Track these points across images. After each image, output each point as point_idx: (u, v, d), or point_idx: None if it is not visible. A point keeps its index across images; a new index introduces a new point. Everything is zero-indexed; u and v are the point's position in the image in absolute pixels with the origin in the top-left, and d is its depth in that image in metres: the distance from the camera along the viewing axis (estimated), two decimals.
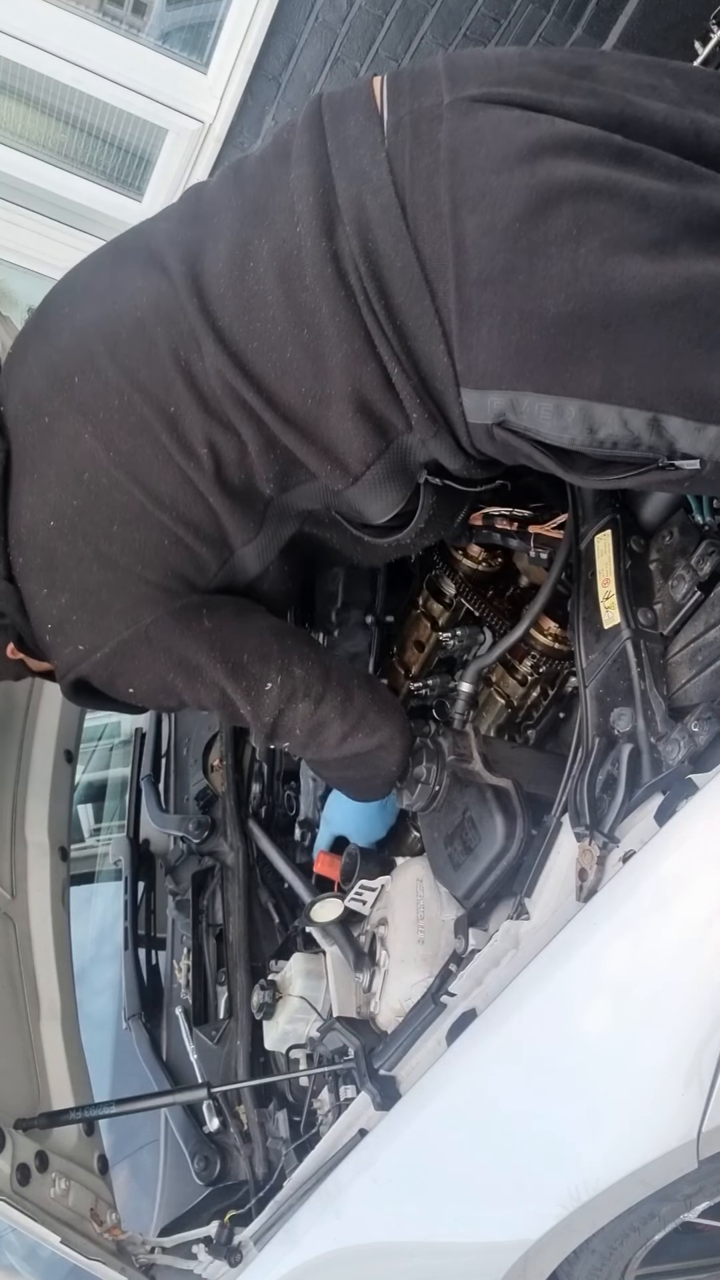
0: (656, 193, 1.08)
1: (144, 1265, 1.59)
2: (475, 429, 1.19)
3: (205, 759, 2.27)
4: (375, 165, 1.14)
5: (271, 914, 1.99)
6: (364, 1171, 1.37)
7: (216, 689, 1.41)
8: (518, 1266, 1.33)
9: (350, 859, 1.73)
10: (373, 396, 1.20)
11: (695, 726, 1.20)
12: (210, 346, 1.21)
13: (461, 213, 1.10)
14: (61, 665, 1.40)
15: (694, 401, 1.08)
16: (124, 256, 1.35)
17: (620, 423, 1.10)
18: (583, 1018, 1.20)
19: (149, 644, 1.35)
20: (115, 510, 1.29)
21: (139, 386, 1.25)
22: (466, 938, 1.37)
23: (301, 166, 1.19)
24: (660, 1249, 1.45)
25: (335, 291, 1.15)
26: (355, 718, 1.48)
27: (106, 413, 1.26)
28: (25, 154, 3.24)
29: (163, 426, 1.25)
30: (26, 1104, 1.66)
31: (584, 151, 1.10)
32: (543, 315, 1.07)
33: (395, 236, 1.13)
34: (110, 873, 2.97)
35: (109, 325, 1.28)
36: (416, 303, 1.13)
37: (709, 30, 2.69)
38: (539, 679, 1.75)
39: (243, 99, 3.06)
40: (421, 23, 2.97)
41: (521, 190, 1.07)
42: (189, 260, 1.24)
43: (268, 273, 1.18)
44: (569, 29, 2.98)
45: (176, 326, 1.23)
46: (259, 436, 1.25)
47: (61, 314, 1.36)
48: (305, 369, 1.19)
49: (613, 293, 1.06)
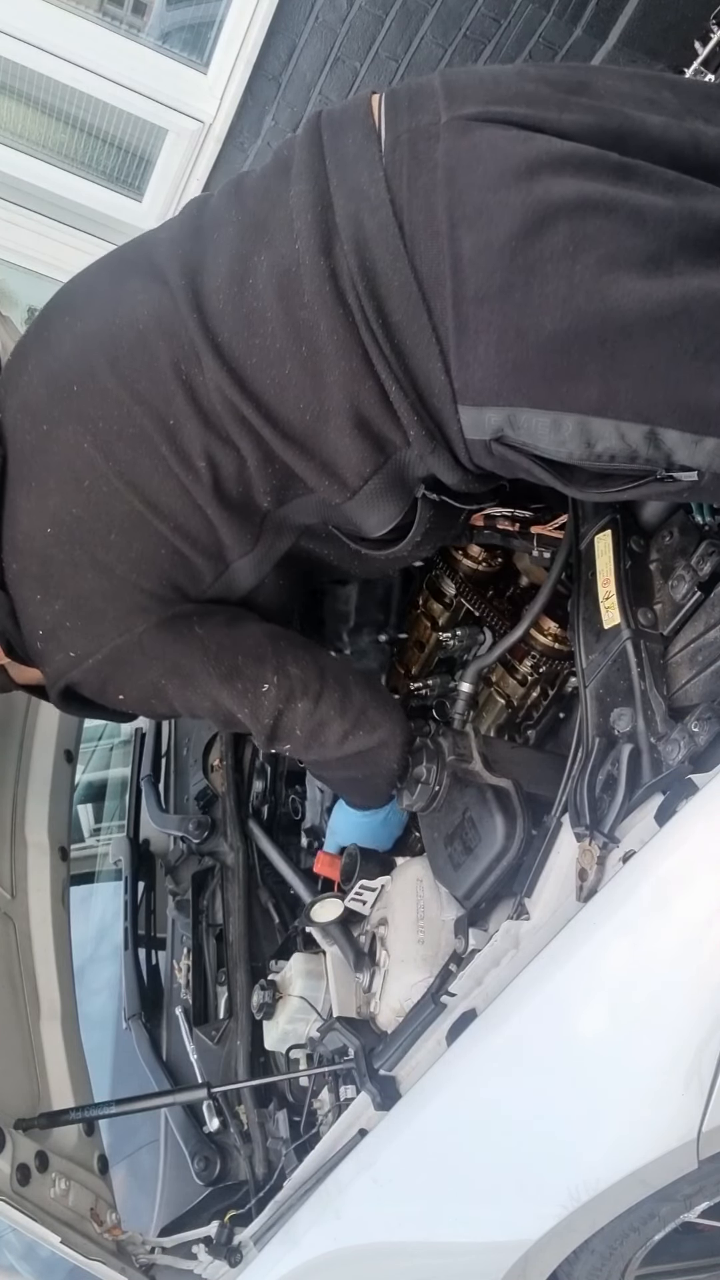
0: (653, 207, 1.09)
1: (144, 1265, 1.59)
2: (473, 445, 1.20)
3: (205, 759, 2.26)
4: (373, 183, 1.15)
5: (271, 914, 1.99)
6: (364, 1171, 1.37)
7: (209, 697, 1.42)
8: (518, 1266, 1.33)
9: (350, 859, 1.73)
10: (370, 413, 1.20)
11: (695, 726, 1.20)
12: (210, 361, 1.22)
13: (459, 231, 1.10)
14: (52, 672, 1.40)
15: (690, 414, 1.09)
16: (126, 267, 1.36)
17: (618, 436, 1.11)
18: (583, 1018, 1.20)
19: (141, 651, 1.36)
20: (114, 519, 1.30)
21: (139, 398, 1.26)
22: (466, 938, 1.37)
23: (301, 183, 1.20)
24: (660, 1249, 1.45)
25: (334, 309, 1.16)
26: (355, 715, 1.49)
27: (106, 422, 1.27)
28: (25, 154, 3.24)
29: (162, 438, 1.26)
30: (26, 1104, 1.66)
31: (580, 168, 1.10)
32: (539, 331, 1.08)
33: (393, 254, 1.13)
34: (110, 873, 2.97)
35: (110, 336, 1.28)
36: (414, 320, 1.14)
37: (709, 30, 2.70)
38: (539, 679, 1.75)
39: (243, 99, 3.06)
40: (421, 23, 2.97)
41: (518, 208, 1.08)
42: (189, 274, 1.25)
43: (267, 289, 1.19)
44: (569, 29, 2.98)
45: (177, 340, 1.24)
46: (257, 451, 1.26)
47: (62, 323, 1.36)
48: (304, 385, 1.20)
49: (609, 309, 1.06)
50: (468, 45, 3.02)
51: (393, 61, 3.05)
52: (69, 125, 3.21)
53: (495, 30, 2.99)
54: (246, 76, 3.00)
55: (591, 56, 3.02)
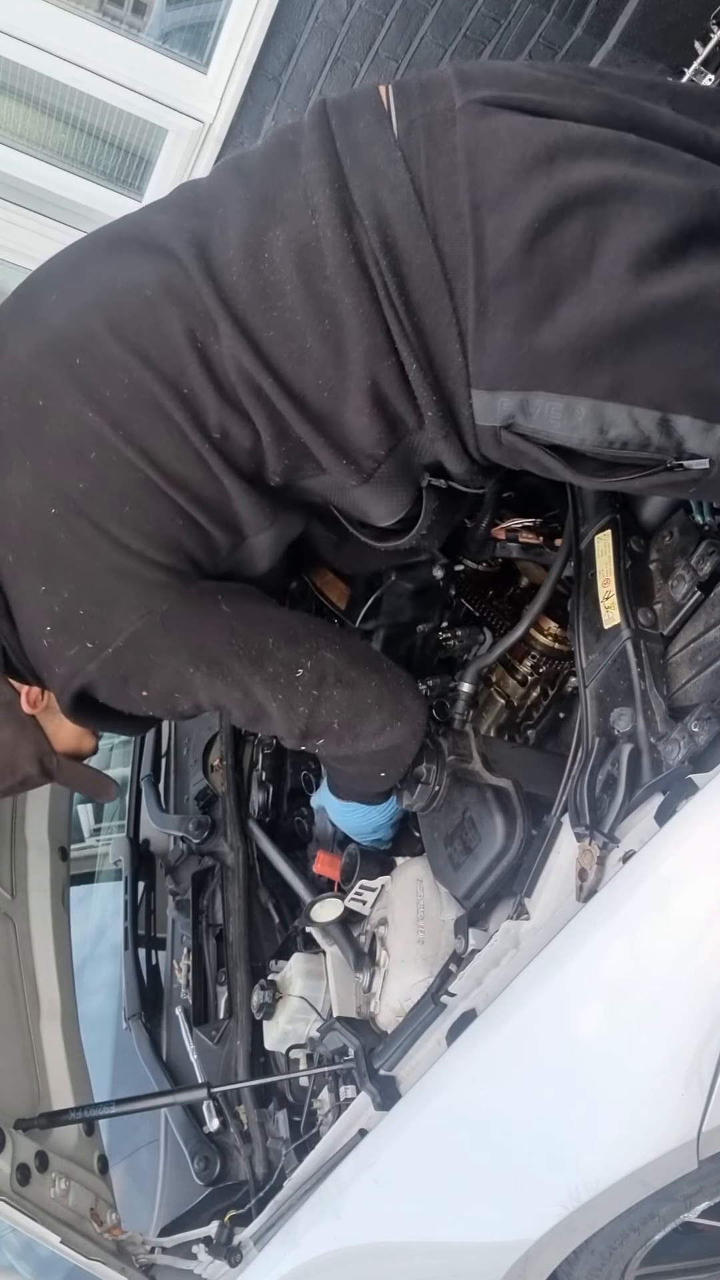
0: (674, 190, 1.09)
1: (144, 1265, 1.59)
2: (482, 432, 1.19)
3: (205, 759, 2.27)
4: (391, 164, 1.14)
5: (271, 914, 1.99)
6: (364, 1171, 1.37)
7: (239, 685, 1.33)
8: (518, 1266, 1.33)
9: (350, 859, 1.73)
10: (389, 391, 1.19)
11: (695, 726, 1.20)
12: (227, 329, 1.18)
13: (481, 213, 1.10)
14: (64, 672, 1.30)
15: (704, 401, 1.09)
16: (120, 244, 1.31)
17: (630, 422, 1.11)
18: (583, 1018, 1.20)
19: (166, 633, 1.27)
20: (126, 490, 1.23)
21: (149, 364, 1.20)
22: (466, 938, 1.37)
23: (313, 161, 1.18)
24: (660, 1249, 1.45)
25: (358, 283, 1.14)
26: (393, 704, 1.42)
27: (115, 390, 1.21)
28: (25, 154, 3.24)
29: (176, 405, 1.20)
30: (26, 1104, 1.66)
31: (600, 151, 1.11)
32: (556, 317, 1.08)
33: (416, 233, 1.13)
34: (110, 873, 2.98)
35: (110, 306, 1.23)
36: (435, 301, 1.14)
37: (709, 30, 2.69)
38: (539, 679, 1.75)
39: (243, 99, 3.05)
40: (421, 23, 2.96)
41: (538, 193, 1.08)
42: (198, 246, 1.21)
43: (284, 262, 1.17)
44: (569, 29, 2.98)
45: (191, 308, 1.19)
46: (272, 426, 1.22)
47: (49, 300, 1.30)
48: (325, 359, 1.18)
49: (626, 295, 1.07)
50: (468, 45, 3.02)
51: (393, 61, 3.05)
52: (69, 125, 3.20)
53: (495, 30, 2.99)
54: (246, 76, 2.99)
55: (591, 56, 3.02)
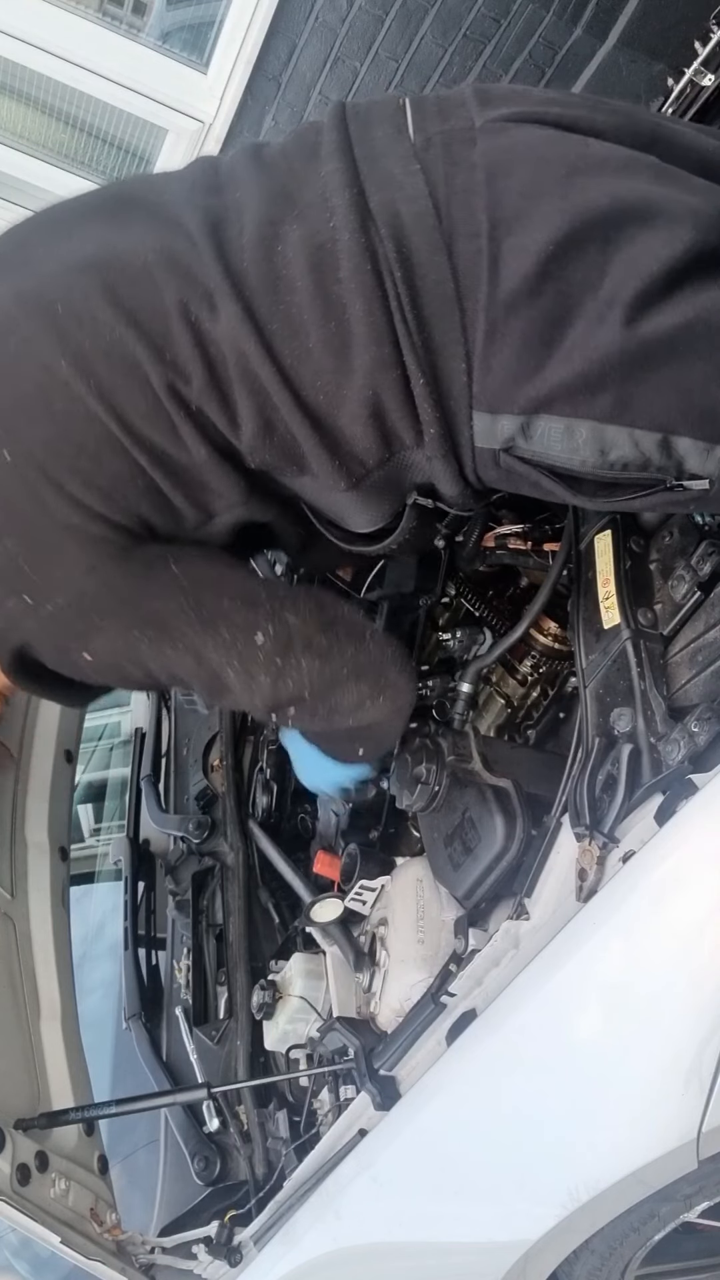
0: (693, 213, 1.09)
1: (144, 1265, 1.59)
2: (481, 454, 1.18)
3: (205, 759, 2.26)
4: (409, 175, 1.13)
5: (271, 914, 1.99)
6: (364, 1171, 1.37)
7: (191, 650, 1.24)
8: (518, 1266, 1.33)
9: (350, 859, 1.73)
10: (390, 404, 1.17)
11: (695, 726, 1.20)
12: (232, 311, 1.15)
13: (498, 233, 1.10)
14: (2, 625, 1.24)
15: (704, 423, 1.09)
16: (129, 205, 1.27)
17: (631, 444, 1.11)
18: (583, 1018, 1.20)
19: (109, 592, 1.21)
20: (85, 443, 1.17)
21: (135, 325, 1.15)
22: (466, 938, 1.37)
23: (332, 163, 1.17)
24: (660, 1249, 1.45)
25: (371, 291, 1.12)
26: (374, 676, 1.33)
27: (93, 342, 1.15)
28: (25, 154, 3.24)
29: (155, 369, 1.15)
30: (26, 1104, 1.66)
31: (620, 170, 1.11)
32: (563, 342, 1.08)
33: (431, 247, 1.12)
34: (110, 873, 2.97)
35: (105, 265, 1.19)
36: (446, 318, 1.12)
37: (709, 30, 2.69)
38: (539, 679, 1.75)
39: (243, 99, 3.06)
40: (421, 23, 2.97)
41: (555, 215, 1.08)
42: (210, 224, 1.18)
43: (297, 258, 1.15)
44: (569, 29, 2.98)
45: (192, 283, 1.16)
46: (259, 417, 1.18)
47: (40, 246, 1.26)
48: (326, 363, 1.16)
49: (632, 319, 1.07)
50: (468, 45, 3.02)
51: (393, 61, 3.05)
52: (69, 125, 3.21)
53: (495, 30, 2.99)
54: (246, 76, 3.00)
55: (591, 57, 3.02)
